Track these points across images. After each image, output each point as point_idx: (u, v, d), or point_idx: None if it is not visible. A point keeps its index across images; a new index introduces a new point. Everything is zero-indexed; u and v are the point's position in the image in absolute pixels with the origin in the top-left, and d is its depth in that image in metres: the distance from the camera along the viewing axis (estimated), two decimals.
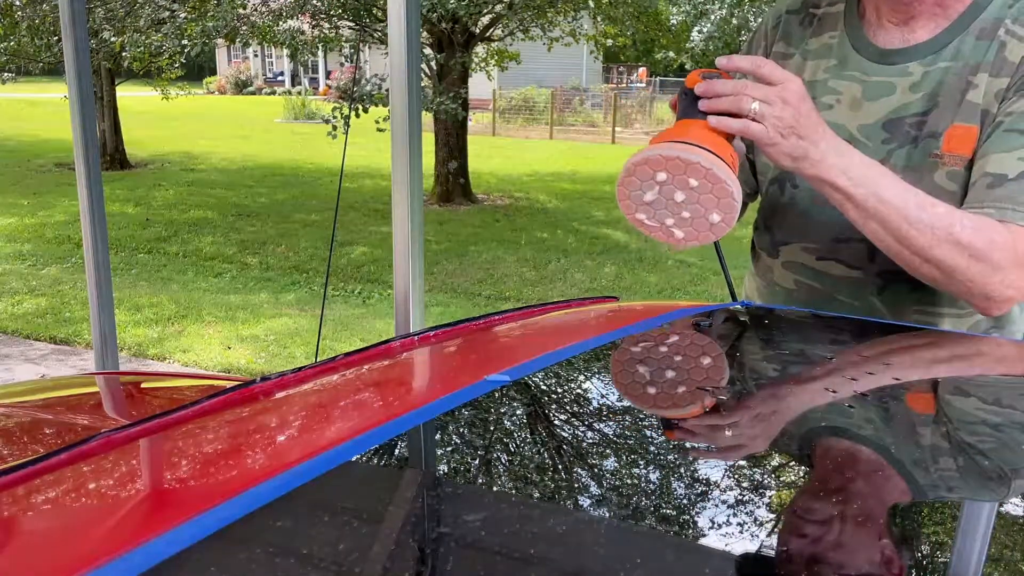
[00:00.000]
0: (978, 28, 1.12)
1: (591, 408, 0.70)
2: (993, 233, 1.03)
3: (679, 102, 1.06)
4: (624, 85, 28.76)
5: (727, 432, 0.64)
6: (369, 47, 10.68)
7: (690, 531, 0.49)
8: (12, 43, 10.34)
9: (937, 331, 1.12)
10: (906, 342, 1.02)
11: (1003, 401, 0.77)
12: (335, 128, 7.75)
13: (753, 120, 1.00)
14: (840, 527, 0.49)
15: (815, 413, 0.70)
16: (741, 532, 0.47)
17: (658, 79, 27.65)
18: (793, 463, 0.59)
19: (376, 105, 8.40)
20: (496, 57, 11.59)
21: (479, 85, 14.76)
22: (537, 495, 0.52)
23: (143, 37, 9.68)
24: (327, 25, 9.90)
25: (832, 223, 1.19)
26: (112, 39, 9.87)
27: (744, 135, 1.02)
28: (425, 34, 9.54)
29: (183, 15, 9.04)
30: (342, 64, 12.73)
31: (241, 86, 32.66)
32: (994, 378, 0.88)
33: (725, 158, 0.99)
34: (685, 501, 0.52)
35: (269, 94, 30.15)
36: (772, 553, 0.46)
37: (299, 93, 24.35)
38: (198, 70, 28.66)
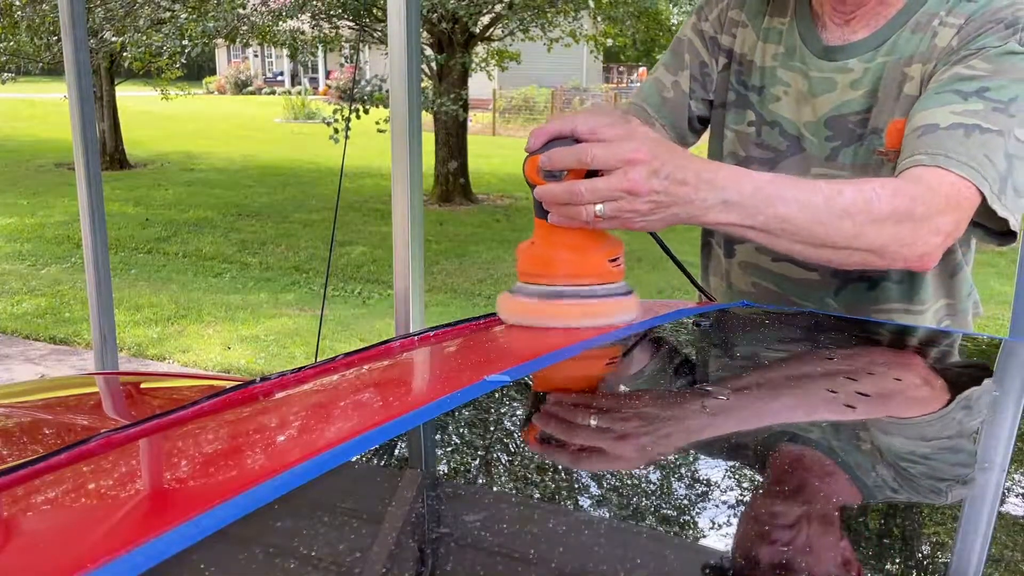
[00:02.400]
0: (914, 23, 1.12)
1: (591, 408, 0.70)
2: (909, 188, 0.97)
3: (533, 199, 0.90)
4: (624, 85, 28.77)
5: (726, 432, 0.64)
6: (369, 47, 10.67)
7: (690, 531, 0.49)
8: (11, 43, 10.34)
9: (938, 330, 1.12)
10: (906, 340, 1.02)
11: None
12: (336, 132, 7.74)
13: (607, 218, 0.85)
14: (840, 526, 0.49)
15: (816, 413, 0.70)
16: (741, 532, 0.47)
17: None
18: (793, 463, 0.59)
19: (376, 106, 8.40)
20: (496, 57, 11.58)
21: (479, 85, 14.76)
22: (537, 495, 0.52)
23: (143, 37, 9.67)
24: (327, 25, 9.90)
25: None
26: (112, 39, 9.86)
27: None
28: (425, 34, 9.53)
29: (183, 15, 9.03)
30: (342, 64, 12.72)
31: (241, 86, 32.66)
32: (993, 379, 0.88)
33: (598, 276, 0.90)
34: (685, 501, 0.52)
35: (269, 94, 30.16)
36: (770, 553, 0.45)
37: (299, 93, 24.36)
38: (198, 70, 28.66)
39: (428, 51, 9.54)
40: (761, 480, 0.56)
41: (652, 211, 0.86)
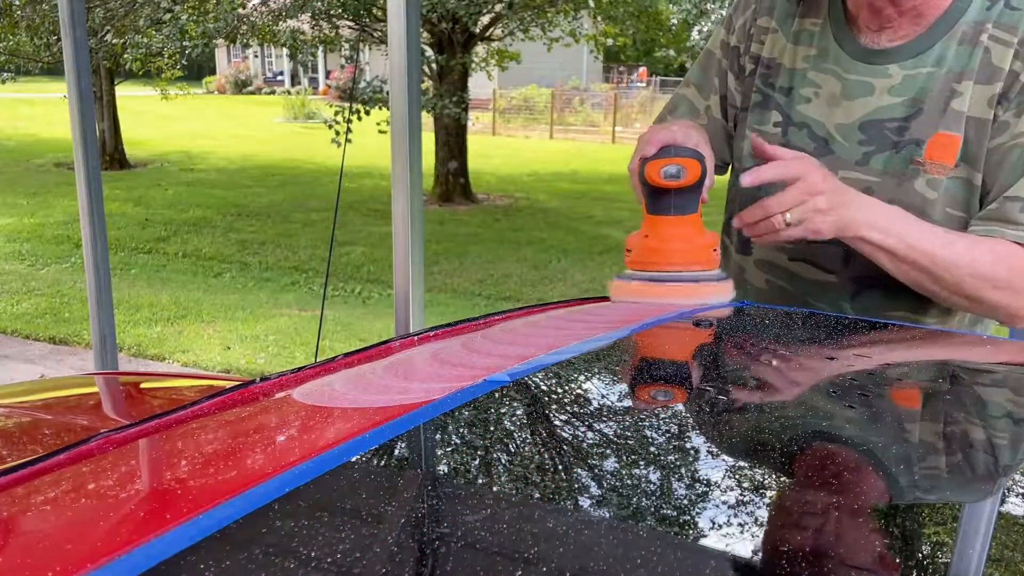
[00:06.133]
0: (959, 32, 1.11)
1: (590, 408, 0.70)
2: (1011, 260, 1.07)
3: (644, 196, 1.10)
4: (624, 84, 28.77)
5: (727, 431, 0.64)
6: (369, 47, 10.67)
7: (690, 531, 0.49)
8: (12, 43, 10.34)
9: (941, 330, 1.12)
10: (908, 341, 1.02)
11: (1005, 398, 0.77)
12: (337, 134, 7.74)
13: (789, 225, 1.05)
14: (840, 526, 0.49)
15: (816, 413, 0.70)
16: (741, 532, 0.47)
17: (658, 78, 27.66)
18: (793, 463, 0.59)
19: (377, 107, 8.39)
20: (496, 57, 11.59)
21: (479, 85, 14.76)
22: (537, 495, 0.52)
23: (143, 38, 9.67)
24: (327, 25, 9.90)
25: None
26: (112, 40, 9.86)
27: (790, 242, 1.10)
28: (425, 34, 9.53)
29: (183, 16, 9.03)
30: (342, 64, 12.72)
31: (240, 86, 32.66)
32: (995, 375, 0.88)
33: (706, 261, 1.09)
34: (685, 501, 0.52)
35: (268, 94, 30.16)
36: (771, 553, 0.45)
37: (299, 93, 24.35)
38: (197, 70, 28.63)
39: (428, 51, 9.54)
40: (760, 480, 0.56)
41: (830, 209, 1.03)
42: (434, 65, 9.55)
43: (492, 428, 0.63)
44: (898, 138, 1.13)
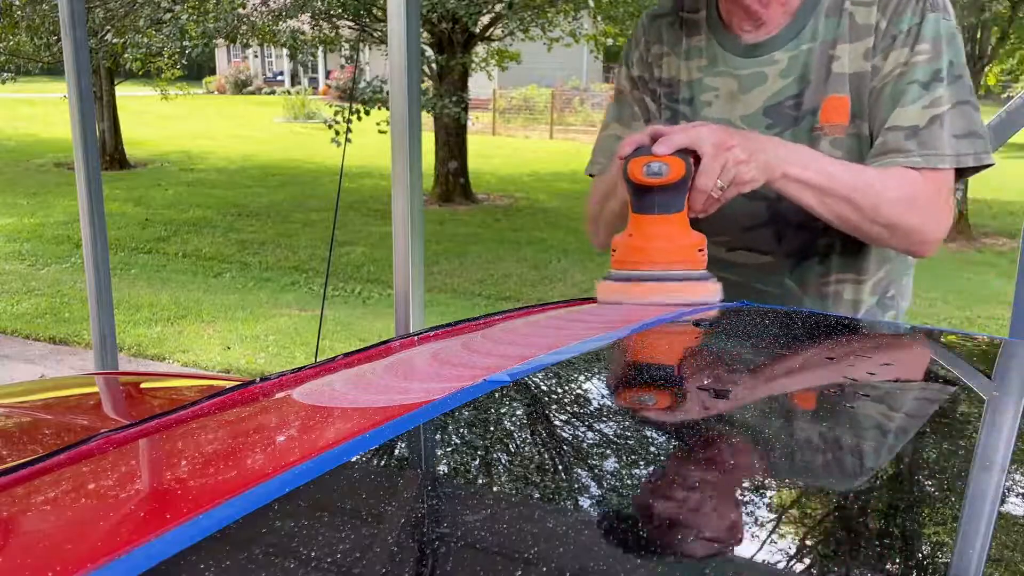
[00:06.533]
0: (824, 7, 1.24)
1: (590, 408, 0.70)
2: (913, 183, 1.15)
3: (630, 196, 1.09)
4: None
5: (726, 431, 0.64)
6: (369, 47, 10.67)
7: (690, 531, 0.49)
8: (12, 43, 10.34)
9: (938, 330, 1.12)
10: (906, 341, 1.02)
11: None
12: (338, 134, 7.75)
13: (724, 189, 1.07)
14: (840, 526, 0.49)
15: (817, 413, 0.70)
16: (740, 531, 0.47)
17: None
18: (792, 464, 0.59)
19: (377, 107, 8.40)
20: (496, 57, 11.59)
21: (479, 85, 14.75)
22: (537, 495, 0.52)
23: (143, 38, 9.67)
24: (327, 25, 9.90)
25: (737, 213, 1.26)
26: (112, 40, 9.86)
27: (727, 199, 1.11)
28: (425, 34, 9.53)
29: (184, 16, 9.03)
30: (342, 64, 12.72)
31: (240, 86, 32.65)
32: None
33: (697, 249, 1.09)
34: (685, 501, 0.52)
35: (269, 94, 30.15)
36: (770, 552, 0.46)
37: (299, 93, 24.35)
38: (197, 70, 28.65)
39: (428, 51, 9.54)
40: (760, 480, 0.56)
41: (749, 157, 1.06)
42: (434, 65, 9.55)
43: (492, 428, 0.63)
44: (796, 112, 1.25)
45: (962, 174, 1.20)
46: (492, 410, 0.66)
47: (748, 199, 1.15)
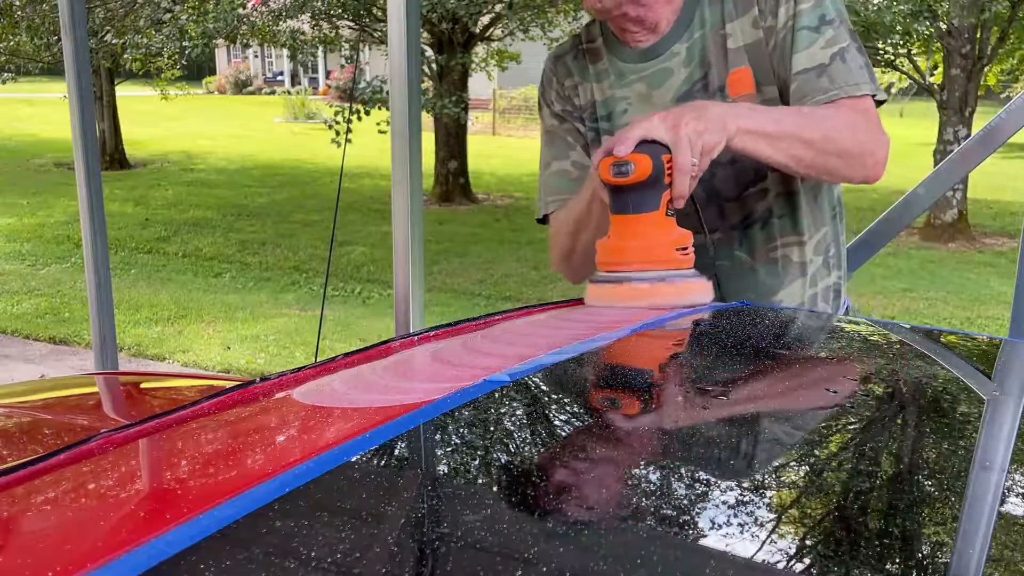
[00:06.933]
0: None
1: (589, 408, 0.70)
2: (844, 113, 1.20)
3: (609, 198, 1.09)
4: None
5: (726, 431, 0.64)
6: (369, 47, 10.67)
7: (689, 531, 0.49)
8: (12, 43, 10.34)
9: (938, 330, 1.12)
10: (906, 341, 1.02)
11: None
12: (338, 134, 7.76)
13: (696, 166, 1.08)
14: (840, 526, 0.49)
15: (817, 413, 0.70)
16: (741, 532, 0.47)
17: None
18: (793, 463, 0.59)
19: (377, 107, 8.39)
20: (496, 57, 11.59)
21: (479, 85, 14.76)
22: (536, 495, 0.52)
23: (143, 38, 9.67)
24: (327, 25, 9.90)
25: None
26: (112, 40, 9.86)
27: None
28: (425, 34, 9.53)
29: (183, 16, 9.04)
30: (342, 64, 12.72)
31: (241, 86, 32.65)
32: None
33: (683, 247, 1.08)
34: (684, 501, 0.52)
35: (269, 94, 30.14)
36: (769, 552, 0.46)
37: (299, 93, 24.34)
38: (197, 70, 28.63)
39: (428, 51, 9.54)
40: (760, 480, 0.56)
41: (704, 126, 1.06)
42: (434, 65, 9.55)
43: (491, 428, 0.63)
44: (706, 94, 1.30)
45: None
46: (492, 410, 0.66)
47: None
